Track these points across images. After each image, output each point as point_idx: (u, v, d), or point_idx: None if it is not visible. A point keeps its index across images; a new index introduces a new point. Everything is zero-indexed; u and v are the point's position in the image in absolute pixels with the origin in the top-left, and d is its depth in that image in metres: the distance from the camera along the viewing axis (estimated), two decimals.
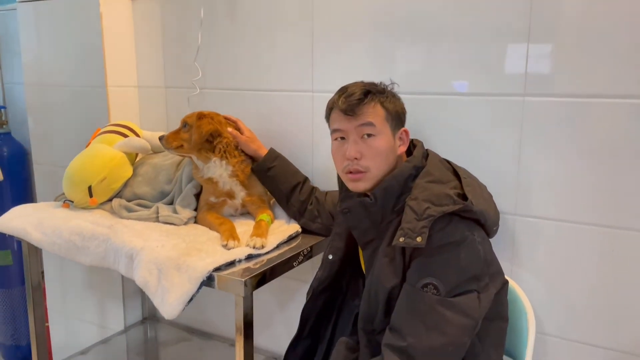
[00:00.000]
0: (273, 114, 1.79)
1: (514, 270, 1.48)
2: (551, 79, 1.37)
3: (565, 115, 1.36)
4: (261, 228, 1.50)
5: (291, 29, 1.71)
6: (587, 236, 1.39)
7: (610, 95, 1.31)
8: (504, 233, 1.46)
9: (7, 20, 2.44)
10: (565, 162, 1.38)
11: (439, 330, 1.07)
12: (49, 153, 2.19)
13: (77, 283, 2.24)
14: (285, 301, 1.91)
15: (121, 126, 1.82)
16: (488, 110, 1.45)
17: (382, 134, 1.21)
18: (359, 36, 1.61)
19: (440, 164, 1.24)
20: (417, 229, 1.09)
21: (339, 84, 1.31)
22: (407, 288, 1.12)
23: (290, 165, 1.64)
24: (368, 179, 1.21)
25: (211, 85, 1.91)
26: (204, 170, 1.60)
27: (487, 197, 1.25)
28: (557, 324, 1.46)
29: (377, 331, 1.20)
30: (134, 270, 1.38)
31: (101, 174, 1.65)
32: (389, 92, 1.26)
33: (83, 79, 2.03)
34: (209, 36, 1.88)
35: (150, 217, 1.60)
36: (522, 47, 1.39)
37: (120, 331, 2.15)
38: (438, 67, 1.50)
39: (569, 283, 1.43)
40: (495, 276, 1.17)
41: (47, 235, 1.58)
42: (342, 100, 1.21)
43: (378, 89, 1.24)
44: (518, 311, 1.34)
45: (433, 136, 1.51)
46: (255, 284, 1.29)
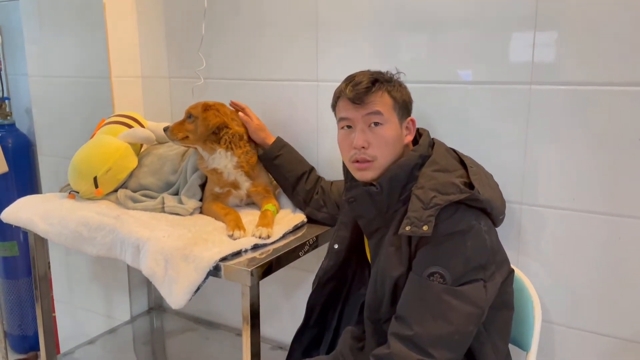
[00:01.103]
0: (278, 103, 1.79)
1: (520, 259, 1.48)
2: (558, 67, 1.36)
3: (572, 104, 1.35)
4: (267, 218, 1.50)
5: (296, 17, 1.70)
6: (593, 225, 1.38)
7: (616, 83, 1.30)
8: (510, 222, 1.46)
9: (11, 12, 2.44)
10: (572, 150, 1.37)
11: (445, 319, 1.07)
12: (53, 144, 2.20)
13: (83, 273, 2.25)
14: (291, 291, 1.92)
15: (126, 117, 1.82)
16: (494, 98, 1.44)
17: (390, 122, 1.20)
18: (364, 25, 1.60)
19: (446, 152, 1.24)
20: (424, 217, 1.09)
21: (343, 73, 1.30)
22: (413, 277, 1.12)
23: (296, 154, 1.65)
24: (375, 168, 1.21)
25: (215, 75, 1.91)
26: (209, 161, 1.60)
27: (493, 186, 1.25)
28: (562, 312, 1.46)
29: (383, 320, 1.20)
30: (141, 261, 1.39)
31: (106, 165, 1.65)
32: (396, 81, 1.25)
33: (87, 70, 2.03)
34: (213, 26, 1.87)
35: (156, 207, 1.60)
36: (528, 35, 1.37)
37: (126, 321, 2.16)
38: (444, 56, 1.49)
39: (574, 272, 1.43)
40: (501, 265, 1.17)
41: (53, 226, 1.58)
42: (350, 88, 1.21)
43: (385, 77, 1.24)
44: (524, 300, 1.34)
45: (439, 125, 1.50)
46: (261, 274, 1.30)
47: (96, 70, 1.99)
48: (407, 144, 1.25)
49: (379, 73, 1.25)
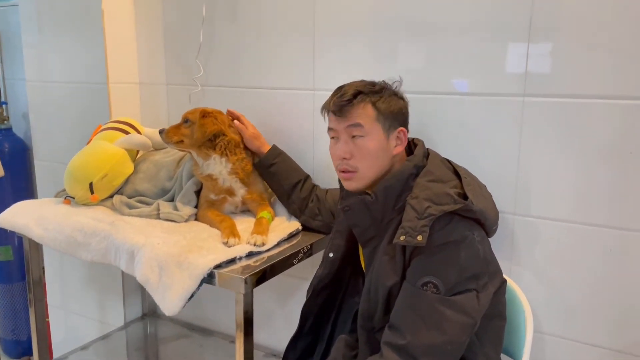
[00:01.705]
0: (274, 111, 1.80)
1: (513, 269, 1.49)
2: (551, 79, 1.37)
3: (565, 116, 1.37)
4: (262, 225, 1.50)
5: (293, 26, 1.72)
6: (585, 236, 1.40)
7: (608, 96, 1.32)
8: (504, 232, 1.47)
9: (9, 16, 2.44)
10: (565, 162, 1.39)
11: (438, 328, 1.08)
12: (50, 149, 2.20)
13: (77, 279, 2.25)
14: (285, 298, 1.92)
15: (122, 123, 1.83)
16: (488, 110, 1.46)
17: (371, 134, 1.22)
18: (360, 35, 1.61)
19: (440, 163, 1.25)
20: (418, 227, 1.09)
21: (339, 81, 1.31)
22: (407, 286, 1.13)
23: (292, 162, 1.65)
24: (358, 178, 1.23)
25: (212, 83, 1.92)
26: (204, 167, 1.60)
27: (486, 197, 1.26)
28: (555, 323, 1.47)
29: (377, 329, 1.21)
30: (135, 267, 1.39)
31: (102, 171, 1.65)
32: (389, 91, 1.26)
33: (84, 76, 2.03)
34: (211, 34, 1.88)
35: (151, 213, 1.61)
36: (522, 47, 1.39)
37: (120, 327, 2.15)
38: (439, 67, 1.51)
39: (567, 282, 1.44)
40: (494, 275, 1.18)
41: (48, 231, 1.58)
42: (334, 101, 1.24)
43: (374, 88, 1.24)
44: (516, 310, 1.35)
45: (433, 135, 1.51)
46: (255, 282, 1.30)
47: (94, 76, 2.00)
48: (397, 155, 1.25)
49: (369, 84, 1.26)
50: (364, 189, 1.24)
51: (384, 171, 1.23)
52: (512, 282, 1.39)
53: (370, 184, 1.23)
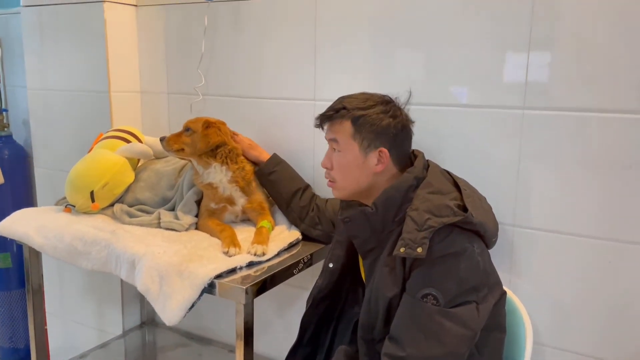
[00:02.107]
0: (275, 121, 1.81)
1: (513, 281, 1.50)
2: (550, 92, 1.38)
3: (564, 129, 1.38)
4: (262, 235, 1.51)
5: (294, 37, 1.73)
6: (584, 248, 1.40)
7: (607, 110, 1.33)
8: (503, 244, 1.47)
9: (11, 24, 2.45)
10: (564, 174, 1.40)
11: (438, 340, 1.08)
12: (50, 157, 2.20)
13: (76, 287, 2.24)
14: (285, 308, 1.92)
15: (123, 131, 1.83)
16: (488, 122, 1.47)
17: (346, 151, 1.24)
18: (360, 46, 1.62)
19: (440, 175, 1.25)
20: (418, 239, 1.10)
21: (340, 92, 1.33)
22: (407, 298, 1.13)
23: (292, 171, 1.67)
24: (337, 188, 1.30)
25: (214, 92, 1.92)
26: (204, 176, 1.61)
27: (486, 209, 1.27)
28: (554, 334, 1.48)
29: (377, 340, 1.21)
30: (136, 277, 1.39)
31: (103, 179, 1.66)
32: (380, 109, 1.23)
33: (86, 84, 2.04)
34: (213, 44, 1.89)
35: (152, 222, 1.61)
36: (522, 59, 1.40)
37: (118, 335, 2.15)
38: (439, 78, 1.52)
39: (566, 294, 1.44)
40: (494, 287, 1.18)
41: (48, 239, 1.59)
42: (320, 113, 1.29)
43: (363, 104, 1.23)
44: (516, 322, 1.36)
45: (433, 147, 1.52)
46: (255, 292, 1.31)
47: (95, 85, 2.01)
48: (380, 173, 1.24)
49: (363, 99, 1.25)
50: (349, 199, 1.30)
51: (362, 187, 1.26)
52: (511, 294, 1.39)
53: (353, 195, 1.29)
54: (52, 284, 2.29)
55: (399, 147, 1.26)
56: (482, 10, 1.43)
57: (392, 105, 1.26)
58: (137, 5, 2.03)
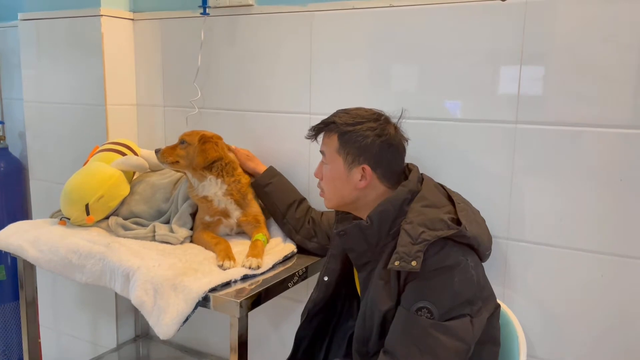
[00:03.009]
0: (270, 134, 1.82)
1: (506, 294, 1.50)
2: (542, 107, 1.40)
3: (557, 143, 1.39)
4: (257, 248, 1.51)
5: (289, 51, 1.75)
6: (577, 261, 1.41)
7: (600, 124, 1.34)
8: (497, 257, 1.48)
9: (8, 36, 2.46)
10: (557, 188, 1.41)
11: (433, 354, 1.08)
12: (45, 169, 2.20)
13: (69, 299, 2.23)
14: (279, 321, 1.92)
15: (119, 144, 1.84)
16: (481, 136, 1.48)
17: (332, 164, 1.27)
18: (355, 60, 1.64)
19: (434, 188, 1.26)
20: (412, 253, 1.10)
21: (335, 106, 1.34)
22: (402, 311, 1.13)
23: (288, 184, 1.67)
24: (326, 199, 1.32)
25: (210, 106, 1.94)
26: (199, 189, 1.61)
27: (480, 222, 1.28)
28: (548, 347, 1.48)
29: (372, 354, 1.21)
30: (130, 290, 1.39)
31: (98, 192, 1.66)
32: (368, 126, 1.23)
33: (82, 97, 2.05)
34: (209, 57, 1.90)
35: (147, 235, 1.61)
36: (514, 74, 1.42)
37: (112, 349, 2.13)
38: (432, 92, 1.53)
39: (560, 307, 1.45)
40: (488, 300, 1.18)
41: (43, 252, 1.58)
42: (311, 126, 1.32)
43: (353, 120, 1.24)
44: (510, 335, 1.36)
45: (427, 160, 1.53)
46: (250, 305, 1.31)
47: (91, 97, 2.02)
48: (364, 189, 1.25)
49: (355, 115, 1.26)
50: (338, 209, 1.34)
51: (346, 201, 1.28)
52: (505, 307, 1.39)
53: (340, 207, 1.31)
54: (46, 296, 2.28)
55: (384, 164, 1.25)
56: (474, 25, 1.45)
57: (381, 123, 1.25)
58: (134, 19, 2.05)
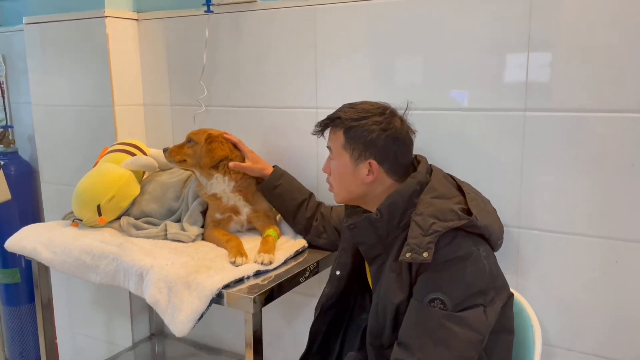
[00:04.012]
0: (278, 130, 1.82)
1: (519, 283, 1.50)
2: (551, 93, 1.39)
3: (566, 129, 1.38)
4: (268, 244, 1.51)
5: (294, 46, 1.74)
6: (591, 248, 1.40)
7: (608, 110, 1.33)
8: (509, 246, 1.47)
9: (14, 41, 2.47)
10: (568, 174, 1.40)
11: (447, 345, 1.08)
12: (56, 172, 2.22)
13: (84, 300, 2.25)
14: (293, 316, 1.93)
15: (128, 144, 1.85)
16: (490, 125, 1.47)
17: (338, 159, 1.28)
18: (360, 52, 1.63)
19: (444, 179, 1.26)
20: (424, 244, 1.10)
21: (342, 99, 1.34)
22: (414, 303, 1.13)
23: (295, 182, 1.66)
24: (335, 193, 1.33)
25: (216, 103, 1.94)
26: (207, 187, 1.62)
27: (491, 212, 1.27)
28: (563, 335, 1.47)
29: (386, 346, 1.21)
30: (144, 289, 1.40)
31: (109, 193, 1.67)
32: (373, 120, 1.23)
33: (90, 98, 2.06)
34: (214, 55, 1.91)
35: (159, 234, 1.62)
36: (522, 61, 1.41)
37: (128, 347, 2.16)
38: (439, 83, 1.53)
39: (574, 294, 1.44)
40: (501, 290, 1.18)
41: (57, 254, 1.60)
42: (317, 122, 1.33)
43: (358, 115, 1.23)
44: (524, 323, 1.36)
45: (436, 151, 1.53)
46: (264, 301, 1.31)
47: (99, 99, 2.03)
48: (371, 183, 1.25)
49: (360, 109, 1.25)
50: (347, 203, 1.35)
51: (355, 195, 1.28)
52: (519, 296, 1.39)
53: (349, 201, 1.32)
54: (61, 298, 2.30)
55: (391, 158, 1.24)
56: (480, 13, 1.44)
57: (386, 117, 1.24)
58: (138, 19, 2.05)
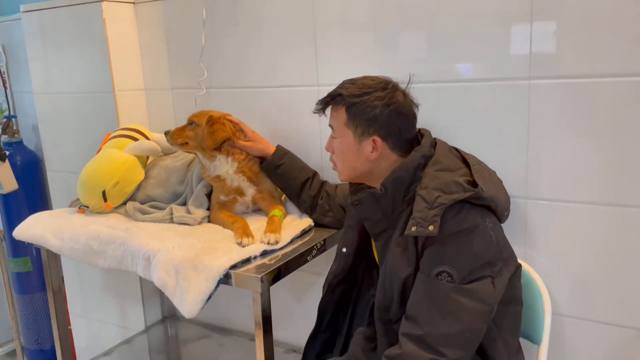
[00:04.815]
0: (280, 110, 1.80)
1: (528, 253, 1.49)
2: (555, 60, 1.36)
3: (572, 97, 1.36)
4: (274, 224, 1.51)
5: (293, 23, 1.72)
6: (598, 216, 1.39)
7: (615, 74, 1.30)
8: (516, 217, 1.46)
9: (13, 31, 2.46)
10: (574, 142, 1.38)
11: (455, 317, 1.08)
12: (61, 159, 2.22)
13: (96, 286, 2.28)
14: (301, 294, 1.93)
15: (131, 130, 1.84)
16: (494, 95, 1.45)
17: (341, 137, 1.25)
18: (361, 27, 1.61)
19: (448, 152, 1.24)
20: (429, 217, 1.09)
21: (343, 76, 1.31)
22: (422, 277, 1.13)
23: (298, 160, 1.65)
24: (339, 172, 1.31)
25: (217, 85, 1.92)
26: (210, 169, 1.62)
27: (496, 183, 1.26)
28: (573, 304, 1.47)
29: (394, 321, 1.22)
30: (152, 272, 1.41)
31: (114, 179, 1.67)
32: (376, 96, 1.20)
33: (90, 85, 2.05)
34: (213, 36, 1.89)
35: (165, 218, 1.62)
36: (525, 29, 1.38)
37: (141, 331, 2.18)
38: (442, 55, 1.50)
39: (582, 263, 1.43)
40: (508, 261, 1.18)
41: (65, 241, 1.61)
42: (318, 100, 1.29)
43: (359, 91, 1.21)
44: (533, 293, 1.35)
45: (440, 124, 1.50)
46: (271, 280, 1.31)
47: (100, 85, 2.02)
48: (376, 160, 1.23)
49: (361, 85, 1.22)
50: (352, 181, 1.32)
51: (360, 173, 1.27)
52: (527, 267, 1.39)
53: (354, 179, 1.30)
54: (73, 284, 2.32)
55: (395, 134, 1.22)
56: None
57: (389, 91, 1.21)
58: (135, 3, 2.03)
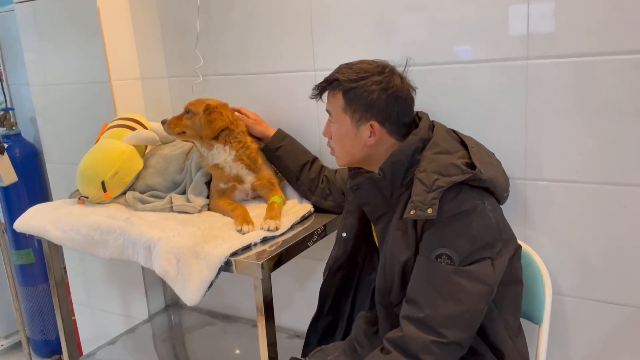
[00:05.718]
0: (277, 96, 1.80)
1: (528, 234, 1.49)
2: (553, 40, 1.35)
3: (570, 76, 1.35)
4: (274, 210, 1.51)
5: (289, 8, 1.70)
6: (598, 195, 1.39)
7: (612, 52, 1.30)
8: (516, 198, 1.46)
9: (7, 22, 2.45)
10: (573, 122, 1.37)
11: (455, 299, 1.08)
12: (60, 151, 2.22)
13: (99, 276, 2.29)
14: (303, 280, 1.94)
15: (128, 119, 1.84)
16: (492, 76, 1.44)
17: (338, 122, 1.25)
18: (357, 11, 1.59)
19: (446, 134, 1.24)
20: (428, 200, 1.09)
21: (340, 60, 1.30)
22: (421, 260, 1.13)
23: (298, 144, 1.66)
24: (337, 157, 1.30)
25: (213, 72, 1.91)
26: (209, 158, 1.61)
27: (495, 164, 1.26)
28: (573, 283, 1.47)
29: (395, 304, 1.22)
30: (153, 261, 1.41)
31: (113, 169, 1.67)
32: (373, 80, 1.19)
33: (86, 75, 2.04)
34: (207, 23, 1.87)
35: (165, 207, 1.62)
36: (522, 8, 1.37)
37: (145, 319, 2.20)
38: (439, 37, 1.49)
39: (582, 243, 1.43)
40: (508, 242, 1.18)
41: (65, 232, 1.61)
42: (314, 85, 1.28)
43: (356, 76, 1.20)
44: (534, 274, 1.36)
45: (438, 106, 1.49)
46: (272, 266, 1.32)
47: (96, 75, 2.01)
48: (374, 145, 1.22)
49: (358, 69, 1.21)
50: (350, 166, 1.31)
51: (358, 158, 1.26)
52: (527, 247, 1.39)
53: (352, 164, 1.29)
54: (76, 275, 2.33)
55: (393, 118, 1.21)
56: None
57: (386, 75, 1.21)
58: None
